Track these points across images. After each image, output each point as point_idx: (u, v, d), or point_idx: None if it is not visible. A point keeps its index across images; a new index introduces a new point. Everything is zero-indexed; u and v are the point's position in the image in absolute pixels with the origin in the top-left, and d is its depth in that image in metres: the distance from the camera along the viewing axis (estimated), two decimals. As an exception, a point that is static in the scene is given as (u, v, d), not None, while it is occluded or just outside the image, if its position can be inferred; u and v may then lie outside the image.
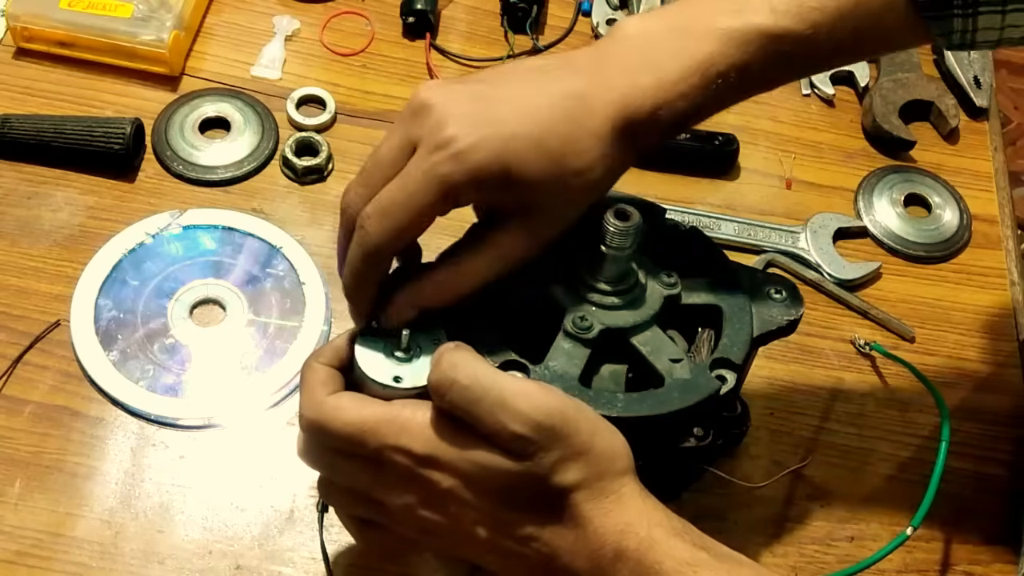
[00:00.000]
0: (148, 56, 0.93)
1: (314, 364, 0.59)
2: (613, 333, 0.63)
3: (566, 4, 1.05)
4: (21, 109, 0.90)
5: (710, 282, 0.67)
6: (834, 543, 0.76)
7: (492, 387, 0.53)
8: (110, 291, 0.81)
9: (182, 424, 0.76)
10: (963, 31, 0.61)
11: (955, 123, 0.99)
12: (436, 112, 0.56)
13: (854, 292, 0.88)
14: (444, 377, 0.54)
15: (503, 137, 0.56)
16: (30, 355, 0.77)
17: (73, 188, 0.86)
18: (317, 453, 0.59)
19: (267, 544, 0.71)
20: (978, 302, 0.90)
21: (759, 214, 0.92)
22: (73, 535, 0.70)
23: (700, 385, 0.61)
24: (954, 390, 0.84)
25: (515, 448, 0.52)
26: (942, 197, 0.95)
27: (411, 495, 0.55)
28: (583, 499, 0.53)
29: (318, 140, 0.91)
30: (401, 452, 0.54)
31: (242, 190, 0.89)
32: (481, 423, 0.53)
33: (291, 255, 0.84)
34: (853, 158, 0.97)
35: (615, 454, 0.55)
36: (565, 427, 0.53)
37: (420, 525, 0.56)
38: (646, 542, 0.53)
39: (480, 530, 0.55)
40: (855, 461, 0.80)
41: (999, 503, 0.79)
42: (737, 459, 0.78)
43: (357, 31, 1.01)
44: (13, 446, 0.73)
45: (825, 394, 0.83)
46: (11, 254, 0.82)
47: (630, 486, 0.54)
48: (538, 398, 0.53)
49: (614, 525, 0.53)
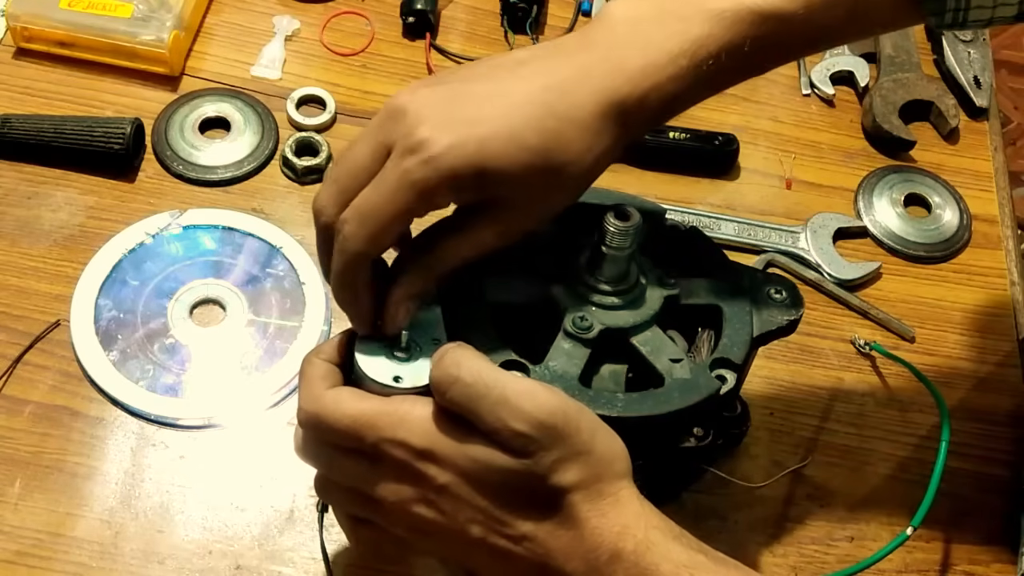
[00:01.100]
0: (148, 56, 0.93)
1: (314, 359, 0.59)
2: (613, 333, 0.63)
3: (566, 4, 1.05)
4: (21, 109, 0.90)
5: (710, 282, 0.67)
6: (834, 543, 0.76)
7: (495, 385, 0.53)
8: (110, 291, 0.81)
9: (182, 424, 0.76)
10: (955, 9, 0.61)
11: (955, 123, 0.99)
12: (410, 115, 0.55)
13: (854, 292, 0.88)
14: (446, 374, 0.54)
15: (479, 138, 0.54)
16: (30, 355, 0.77)
17: (73, 188, 0.87)
18: (315, 448, 0.59)
19: (267, 544, 0.71)
20: (978, 302, 0.90)
21: (759, 214, 0.92)
22: (73, 535, 0.70)
23: (700, 385, 0.61)
24: (954, 390, 0.84)
25: (515, 446, 0.52)
26: (942, 197, 0.95)
27: (406, 490, 0.55)
28: (580, 500, 0.53)
29: (318, 140, 0.91)
30: (399, 445, 0.54)
31: (242, 190, 0.89)
32: (482, 420, 0.53)
33: (291, 255, 0.84)
34: (853, 158, 0.97)
35: (614, 457, 0.55)
36: (566, 427, 0.53)
37: (414, 523, 0.56)
38: (643, 544, 0.53)
39: (474, 528, 0.54)
40: (855, 461, 0.80)
41: (999, 503, 0.79)
42: (737, 459, 0.78)
43: (357, 31, 1.01)
44: (13, 446, 0.73)
45: (825, 394, 0.83)
46: (11, 254, 0.82)
47: (628, 489, 0.54)
48: (541, 397, 0.53)
49: (611, 527, 0.53)
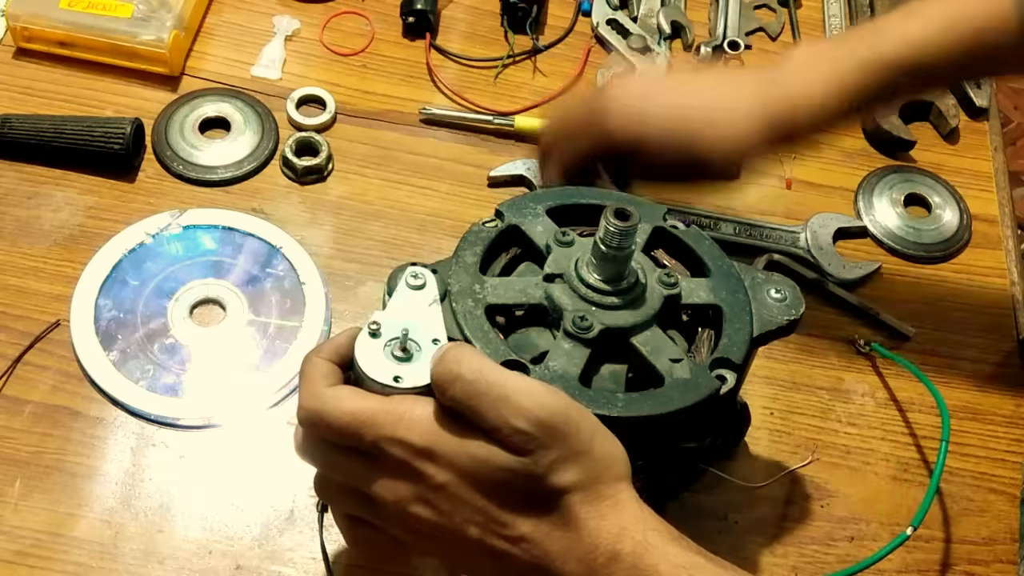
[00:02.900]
0: (148, 56, 0.93)
1: (314, 358, 0.59)
2: (613, 333, 0.63)
3: (566, 4, 1.05)
4: (21, 109, 0.90)
5: (710, 282, 0.67)
6: (834, 543, 0.76)
7: (496, 382, 0.53)
8: (110, 291, 0.81)
9: (182, 424, 0.76)
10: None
11: (955, 123, 0.99)
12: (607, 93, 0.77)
13: (854, 292, 0.88)
14: (448, 371, 0.54)
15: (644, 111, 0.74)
16: (30, 355, 0.77)
17: (73, 188, 0.87)
18: (314, 446, 0.59)
19: (267, 544, 0.71)
20: (978, 302, 0.90)
21: (759, 214, 0.92)
22: (73, 535, 0.70)
23: (700, 385, 0.61)
24: (954, 390, 0.84)
25: (515, 443, 0.52)
26: (942, 197, 0.95)
27: (404, 489, 0.55)
28: (578, 501, 0.53)
29: (318, 140, 0.91)
30: (398, 444, 0.54)
31: (242, 190, 0.89)
32: (483, 418, 0.53)
33: (291, 255, 0.84)
34: (853, 158, 0.97)
35: (613, 459, 0.55)
36: (566, 427, 0.53)
37: (411, 523, 0.56)
38: (642, 545, 0.53)
39: (471, 529, 0.54)
40: (855, 461, 0.80)
41: (999, 503, 0.79)
42: (737, 459, 0.78)
43: (357, 31, 1.01)
44: (13, 446, 0.73)
45: (825, 394, 0.83)
46: (11, 254, 0.82)
47: (626, 492, 0.54)
48: (542, 395, 0.53)
49: (609, 528, 0.53)
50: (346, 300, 0.83)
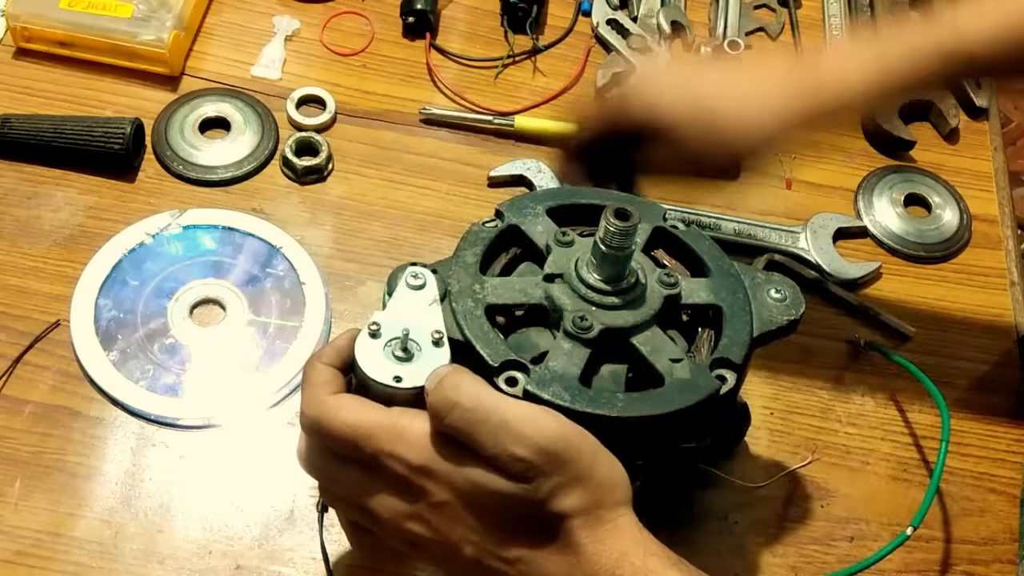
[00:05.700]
0: (148, 56, 0.93)
1: (317, 364, 0.58)
2: (613, 333, 0.62)
3: (566, 4, 1.05)
4: (21, 109, 0.90)
5: (710, 282, 0.67)
6: (834, 543, 0.76)
7: (495, 410, 0.52)
8: (110, 291, 0.81)
9: (182, 424, 0.76)
10: None
11: (955, 123, 0.99)
12: None
13: (854, 292, 0.88)
14: (445, 399, 0.53)
15: None
16: (30, 355, 0.77)
17: (73, 188, 0.87)
18: (316, 455, 0.58)
19: (267, 544, 0.71)
20: (978, 302, 0.90)
21: (759, 214, 0.92)
22: (73, 535, 0.70)
23: (700, 385, 0.61)
24: (954, 390, 0.84)
25: (516, 471, 0.52)
26: (942, 197, 0.95)
27: (401, 505, 0.55)
28: (579, 526, 0.53)
29: (318, 140, 0.91)
30: (396, 460, 0.54)
31: (242, 190, 0.89)
32: (482, 446, 0.52)
33: (291, 255, 0.84)
34: (853, 158, 0.97)
35: (614, 483, 0.54)
36: (567, 452, 0.52)
37: (407, 537, 0.55)
38: (641, 571, 0.52)
39: (467, 549, 0.54)
40: (855, 461, 0.80)
41: (999, 503, 0.79)
42: (737, 459, 0.78)
43: (357, 31, 1.01)
44: (13, 446, 0.73)
45: (825, 394, 0.83)
46: (11, 254, 0.83)
47: (627, 516, 0.54)
48: (542, 422, 0.52)
49: (609, 553, 0.53)
50: (346, 300, 0.83)
